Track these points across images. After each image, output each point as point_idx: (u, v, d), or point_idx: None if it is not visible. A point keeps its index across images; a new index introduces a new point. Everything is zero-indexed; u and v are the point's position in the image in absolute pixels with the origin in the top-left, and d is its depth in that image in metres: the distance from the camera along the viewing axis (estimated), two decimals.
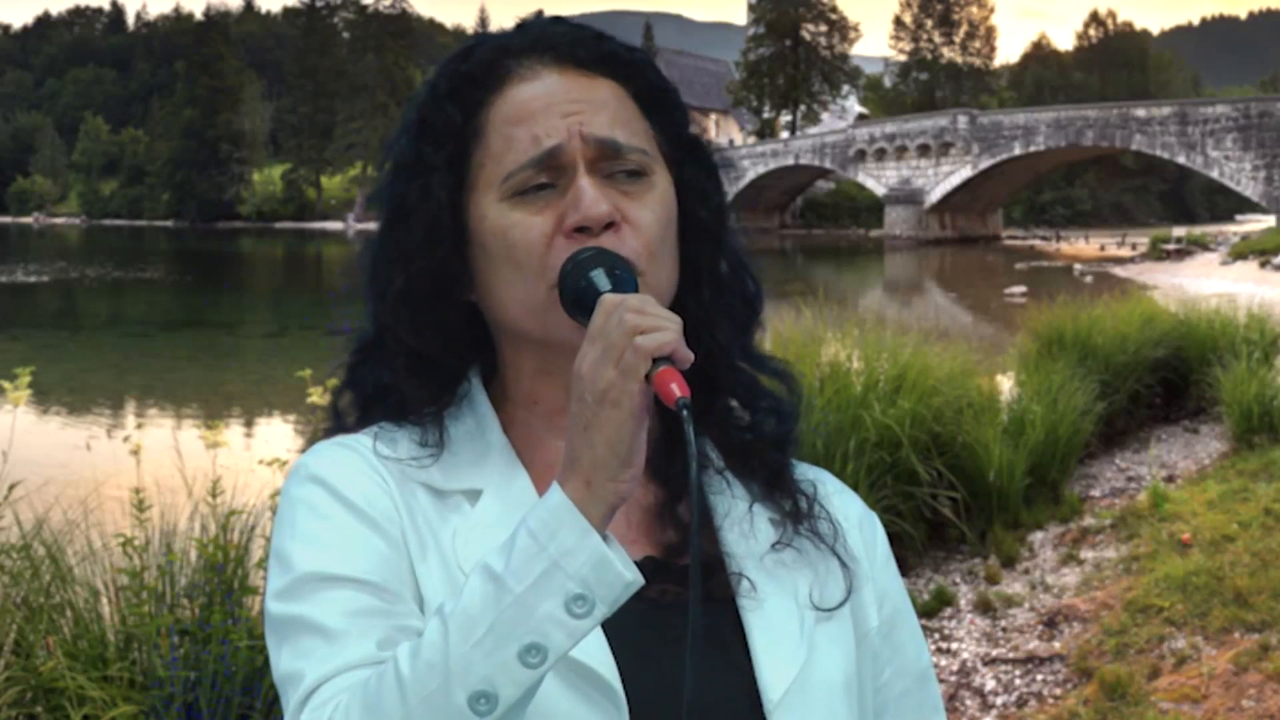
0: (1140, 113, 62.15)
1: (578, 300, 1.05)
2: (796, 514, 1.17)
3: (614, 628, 1.05)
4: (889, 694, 1.20)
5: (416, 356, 1.16)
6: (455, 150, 1.13)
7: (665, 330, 0.96)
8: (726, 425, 1.19)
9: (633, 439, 0.95)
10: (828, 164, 77.00)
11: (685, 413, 0.94)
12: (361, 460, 1.12)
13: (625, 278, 1.05)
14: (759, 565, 1.13)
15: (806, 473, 1.23)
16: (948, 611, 6.44)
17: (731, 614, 1.11)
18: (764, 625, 1.10)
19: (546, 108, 1.11)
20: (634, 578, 0.95)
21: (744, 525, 1.15)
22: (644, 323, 0.96)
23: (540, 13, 1.21)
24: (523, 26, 1.17)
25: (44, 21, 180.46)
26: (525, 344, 1.15)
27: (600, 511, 0.95)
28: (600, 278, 1.05)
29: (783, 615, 1.11)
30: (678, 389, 0.95)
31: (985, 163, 67.83)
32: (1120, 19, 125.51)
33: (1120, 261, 47.51)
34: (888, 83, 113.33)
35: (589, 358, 0.97)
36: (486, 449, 1.15)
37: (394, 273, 1.15)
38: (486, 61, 1.14)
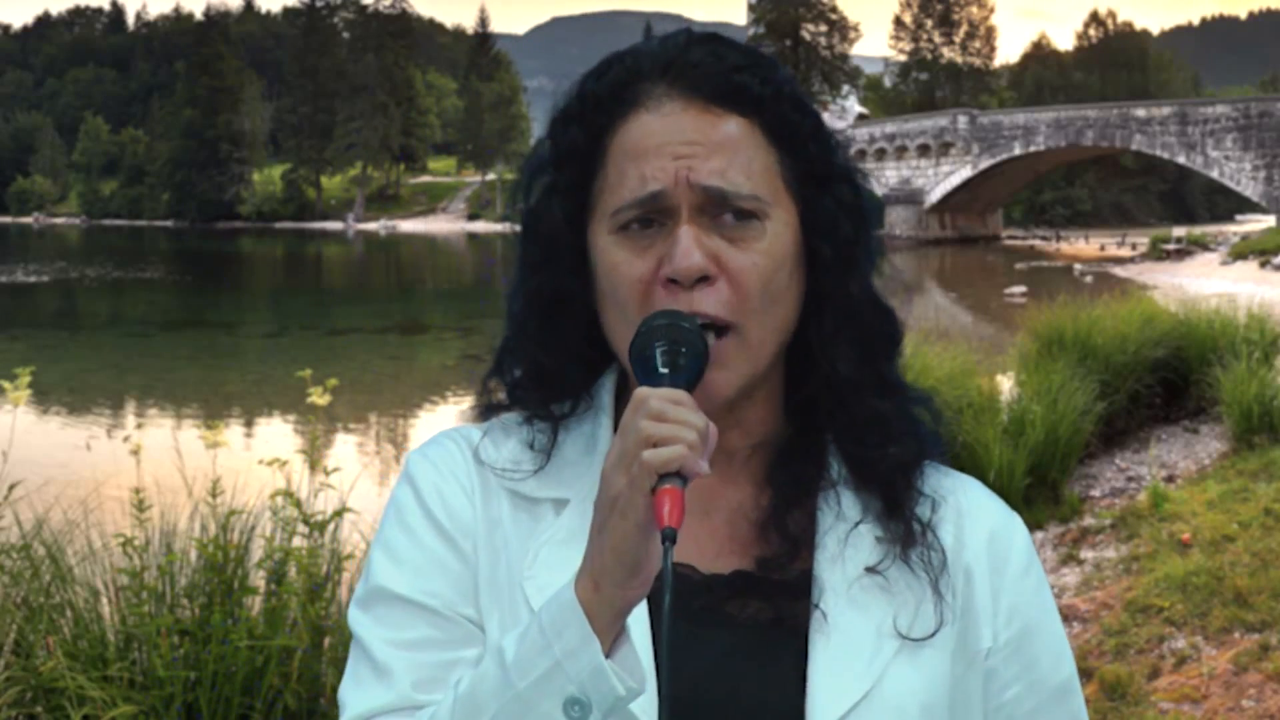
0: (1140, 113, 62.15)
1: (637, 368, 1.03)
2: (907, 539, 1.14)
3: (680, 644, 1.05)
4: (1018, 711, 1.15)
5: (538, 366, 1.17)
6: (578, 173, 1.13)
7: (677, 444, 0.94)
8: (848, 441, 1.16)
9: (638, 550, 0.94)
10: None
11: (667, 544, 0.92)
12: (459, 461, 1.16)
13: (688, 359, 1.02)
14: (844, 592, 1.11)
15: (943, 485, 1.19)
16: None
17: (800, 642, 1.09)
18: (828, 654, 1.08)
19: (660, 147, 1.09)
20: (627, 691, 0.95)
21: (839, 548, 1.13)
22: (657, 432, 0.94)
23: (688, 30, 1.16)
24: (663, 43, 1.15)
25: (44, 21, 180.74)
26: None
27: (608, 614, 0.96)
28: (658, 356, 1.02)
29: (853, 644, 1.09)
30: (668, 515, 0.92)
31: (985, 163, 67.83)
32: (1120, 19, 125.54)
33: (1120, 261, 47.51)
34: (888, 83, 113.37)
35: (612, 455, 0.96)
36: (593, 457, 1.15)
37: (520, 284, 1.17)
38: (617, 84, 1.13)
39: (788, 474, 1.15)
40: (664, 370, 1.01)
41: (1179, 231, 55.60)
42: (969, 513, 1.18)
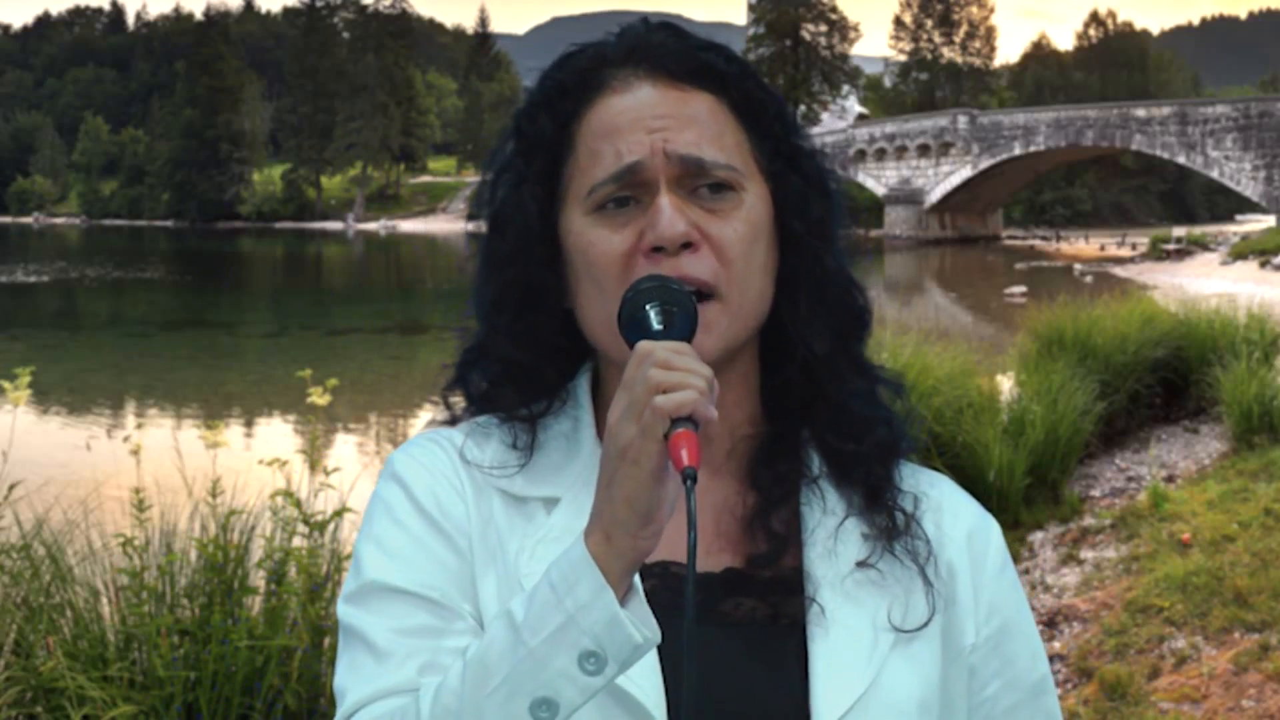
0: (1140, 113, 62.16)
1: (629, 332, 1.04)
2: (891, 531, 1.14)
3: (672, 643, 1.05)
4: (996, 708, 1.16)
5: (512, 364, 1.16)
6: (547, 162, 1.13)
7: (687, 389, 0.94)
8: (826, 433, 1.16)
9: (651, 497, 0.95)
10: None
11: (689, 483, 0.93)
12: (446, 461, 1.15)
13: (681, 317, 1.03)
14: (838, 587, 1.11)
15: (919, 482, 1.19)
16: None
17: (799, 637, 1.09)
18: (828, 650, 1.08)
19: (633, 122, 1.09)
20: (644, 639, 0.95)
21: (829, 543, 1.12)
22: (667, 380, 0.94)
23: (645, 20, 1.17)
24: (623, 33, 1.15)
25: (44, 21, 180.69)
26: (611, 360, 1.14)
27: (620, 567, 0.96)
28: (652, 315, 1.02)
29: (851, 639, 1.09)
30: (687, 456, 0.93)
31: (985, 163, 67.82)
32: (1120, 19, 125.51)
33: (1120, 261, 47.51)
34: (888, 83, 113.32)
35: (617, 409, 0.96)
36: (576, 453, 1.15)
37: (490, 281, 1.16)
38: (582, 70, 1.13)
39: (770, 473, 1.15)
40: (659, 327, 1.01)
41: (1179, 231, 55.58)
42: (947, 509, 1.19)
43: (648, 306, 1.03)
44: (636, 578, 0.99)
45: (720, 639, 1.09)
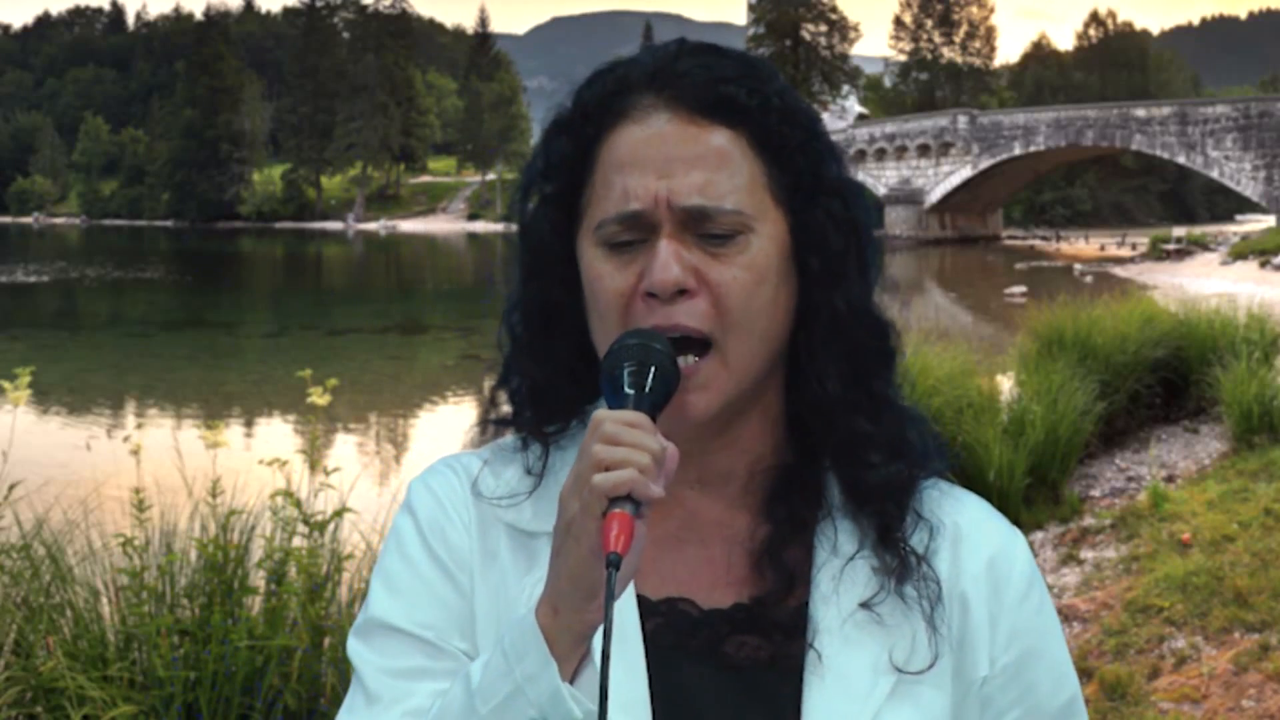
0: (1140, 113, 62.15)
1: (605, 388, 1.02)
2: (901, 571, 1.11)
3: (669, 686, 1.05)
4: None
5: (531, 381, 1.15)
6: (566, 182, 1.12)
7: (627, 469, 0.93)
8: (841, 467, 1.14)
9: (593, 575, 0.94)
10: None
11: (610, 570, 0.91)
12: (459, 492, 1.15)
13: (657, 380, 1.01)
14: (837, 631, 1.09)
15: (944, 508, 1.16)
16: None
17: (796, 682, 1.08)
18: (823, 695, 1.07)
19: (644, 161, 1.08)
20: (584, 714, 0.96)
21: (834, 583, 1.11)
22: (609, 456, 0.94)
23: (682, 40, 1.14)
24: (654, 52, 1.13)
25: (44, 21, 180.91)
26: None
27: (568, 640, 0.97)
28: (625, 377, 1.01)
29: (847, 684, 1.07)
30: (614, 540, 0.91)
31: (985, 163, 67.81)
32: (1120, 19, 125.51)
33: (1120, 261, 47.51)
34: (888, 83, 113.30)
35: (568, 480, 0.96)
36: None
37: (516, 294, 1.16)
38: (606, 94, 1.12)
39: (786, 507, 1.13)
40: (629, 391, 1.00)
41: (1179, 231, 55.55)
42: (967, 536, 1.16)
43: (624, 365, 1.02)
44: (595, 643, 0.98)
45: (719, 681, 1.08)
